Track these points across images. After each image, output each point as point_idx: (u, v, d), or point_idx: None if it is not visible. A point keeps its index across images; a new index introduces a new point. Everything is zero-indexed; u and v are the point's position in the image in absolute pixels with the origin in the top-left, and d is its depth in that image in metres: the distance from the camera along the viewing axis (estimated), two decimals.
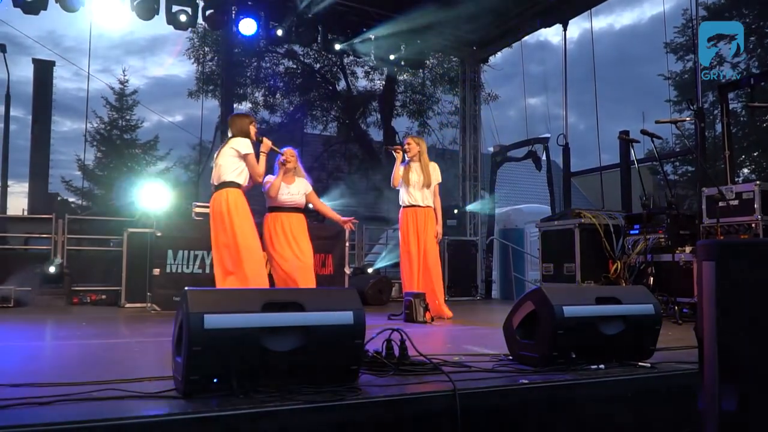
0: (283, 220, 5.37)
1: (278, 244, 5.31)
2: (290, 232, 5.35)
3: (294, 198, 5.46)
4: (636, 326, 2.88)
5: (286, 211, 5.41)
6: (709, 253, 1.48)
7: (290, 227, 5.37)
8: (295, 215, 5.46)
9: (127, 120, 24.38)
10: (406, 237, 5.79)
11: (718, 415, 1.44)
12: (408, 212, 5.81)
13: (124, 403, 2.05)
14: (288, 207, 5.43)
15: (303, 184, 5.55)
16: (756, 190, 5.33)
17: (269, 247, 5.36)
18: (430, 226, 5.79)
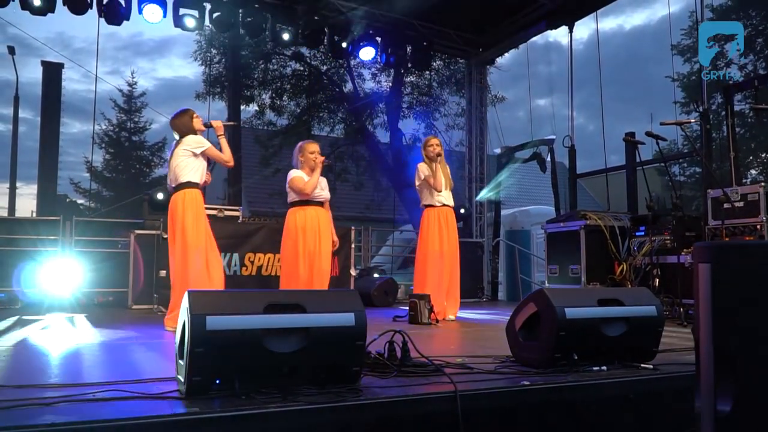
0: (312, 214, 5.21)
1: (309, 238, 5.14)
2: (319, 227, 5.21)
3: (323, 193, 5.34)
4: (638, 328, 2.89)
5: (314, 205, 5.26)
6: (704, 255, 1.48)
7: (320, 222, 5.23)
8: (323, 210, 5.33)
9: (136, 122, 24.55)
10: (434, 236, 5.71)
11: (713, 416, 1.44)
12: (438, 212, 5.77)
13: (127, 404, 2.07)
14: (317, 201, 5.29)
15: (324, 182, 5.44)
16: (761, 192, 5.31)
17: (289, 241, 5.20)
18: (454, 226, 5.85)
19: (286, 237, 5.26)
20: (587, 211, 7.14)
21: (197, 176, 4.82)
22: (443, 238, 5.69)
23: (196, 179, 4.81)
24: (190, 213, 4.70)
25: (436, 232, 5.70)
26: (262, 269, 6.82)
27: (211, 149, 4.86)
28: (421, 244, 5.81)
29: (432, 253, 5.68)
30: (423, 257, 5.75)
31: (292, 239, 5.19)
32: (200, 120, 4.96)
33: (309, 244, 5.14)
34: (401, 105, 15.95)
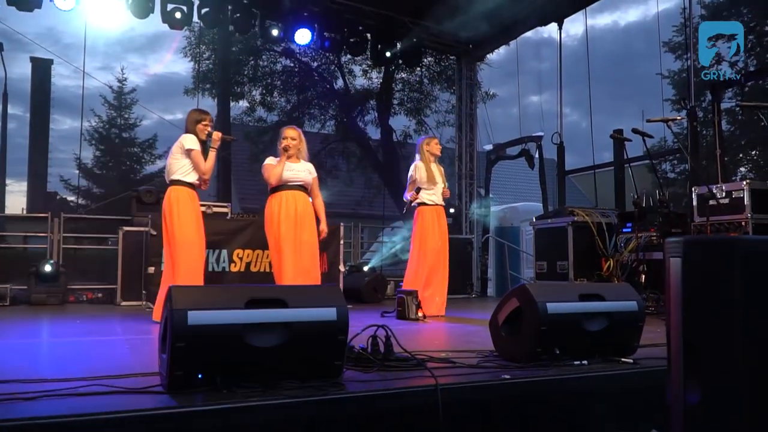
0: (287, 198, 4.96)
1: (283, 225, 4.90)
2: (294, 213, 4.94)
3: (299, 175, 5.04)
4: (619, 323, 2.92)
5: (289, 189, 4.99)
6: (675, 250, 1.51)
7: (295, 207, 4.96)
8: (300, 194, 5.03)
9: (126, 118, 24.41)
10: (428, 234, 5.74)
11: (683, 408, 1.47)
12: (433, 210, 5.81)
13: (110, 399, 2.08)
14: (293, 185, 5.01)
15: (308, 166, 5.20)
16: (746, 189, 5.37)
17: (271, 231, 4.97)
18: (445, 224, 5.91)
19: (266, 227, 5.06)
20: (575, 207, 7.18)
21: (189, 176, 4.85)
22: (434, 235, 5.71)
23: (187, 178, 4.85)
24: (175, 210, 4.75)
25: (430, 230, 5.73)
26: (250, 265, 6.81)
27: (195, 153, 4.83)
28: (414, 241, 5.84)
29: (421, 252, 5.72)
30: (415, 254, 5.78)
31: (270, 229, 5.00)
32: (208, 128, 4.95)
33: (288, 233, 4.90)
34: (392, 102, 15.96)
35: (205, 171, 4.90)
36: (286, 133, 5.15)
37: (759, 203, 5.35)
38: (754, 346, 1.39)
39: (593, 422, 2.60)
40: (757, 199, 5.35)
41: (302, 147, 5.19)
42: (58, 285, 6.98)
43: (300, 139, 5.18)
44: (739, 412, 1.37)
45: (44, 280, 6.89)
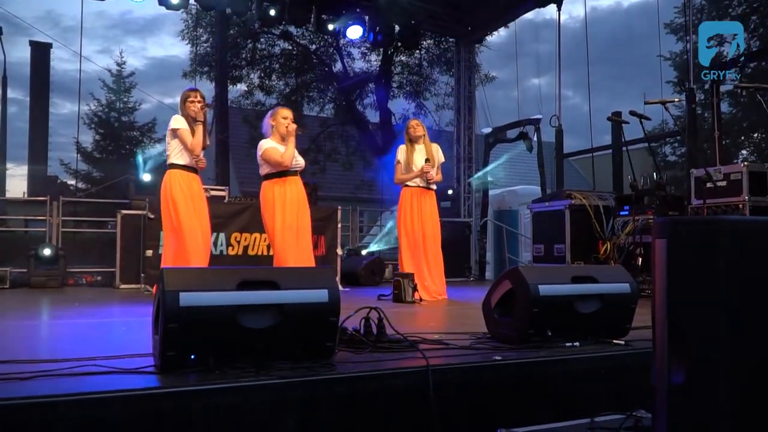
0: (291, 185, 5.02)
1: (288, 211, 4.95)
2: (292, 198, 5.01)
3: (299, 162, 5.14)
4: (612, 305, 2.93)
5: (291, 175, 5.06)
6: (661, 231, 1.51)
7: (298, 194, 5.06)
8: (297, 179, 5.12)
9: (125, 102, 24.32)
10: (408, 217, 5.75)
11: (667, 389, 1.48)
12: (412, 192, 5.77)
13: (103, 379, 2.10)
14: (294, 171, 5.10)
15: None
16: (744, 171, 5.36)
17: (270, 216, 4.96)
18: (433, 208, 5.82)
19: (266, 211, 5.01)
20: (572, 190, 7.18)
21: (180, 157, 4.84)
22: (416, 218, 5.70)
23: (179, 160, 4.84)
24: (169, 194, 4.77)
25: (408, 214, 5.73)
26: (248, 249, 6.83)
27: (181, 131, 4.81)
28: (398, 224, 5.88)
29: (406, 233, 5.74)
30: (399, 237, 5.85)
31: (271, 213, 4.96)
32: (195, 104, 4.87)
33: (290, 218, 4.95)
34: (391, 85, 15.89)
35: (193, 147, 4.82)
36: (285, 114, 5.07)
37: (757, 186, 5.34)
38: (737, 326, 1.40)
39: (584, 403, 2.62)
40: (755, 182, 5.34)
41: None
42: (58, 268, 7.00)
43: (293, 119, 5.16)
44: (723, 392, 1.38)
45: (43, 263, 6.91)
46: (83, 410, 1.85)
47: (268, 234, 5.19)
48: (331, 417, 2.15)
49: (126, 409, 1.89)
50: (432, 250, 5.76)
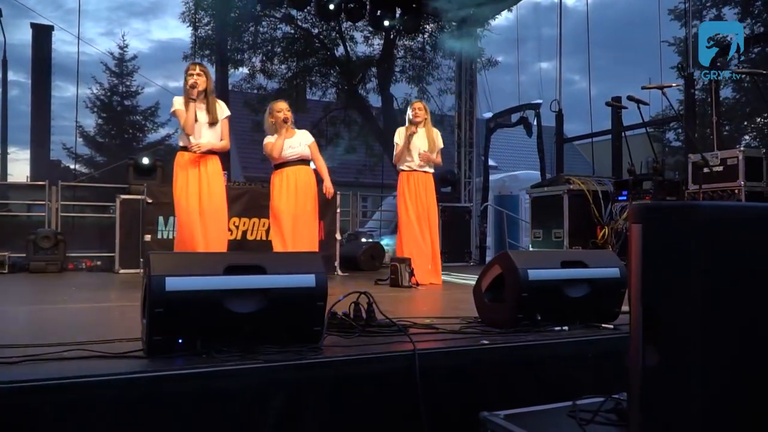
0: (288, 174, 5.21)
1: (284, 199, 5.17)
2: (295, 188, 5.18)
3: (297, 150, 5.27)
4: (601, 289, 2.94)
5: (291, 165, 5.24)
6: (637, 216, 1.51)
7: (296, 182, 5.20)
8: (302, 168, 5.28)
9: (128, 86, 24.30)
10: (405, 201, 5.77)
11: (641, 372, 1.49)
12: (409, 176, 5.79)
13: (90, 363, 2.11)
14: (293, 161, 5.25)
15: (304, 135, 5.38)
16: (740, 156, 5.34)
17: (272, 205, 5.26)
18: (430, 192, 5.83)
19: (270, 200, 5.32)
20: (571, 175, 7.16)
21: (181, 139, 4.82)
22: (414, 202, 5.71)
23: (180, 142, 4.83)
24: (175, 175, 4.78)
25: (406, 197, 5.73)
26: (247, 233, 6.85)
27: (176, 112, 4.74)
28: (398, 208, 5.90)
29: (404, 218, 5.75)
30: (399, 222, 5.86)
31: (271, 203, 5.27)
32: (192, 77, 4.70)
33: (289, 205, 5.14)
34: (393, 69, 15.81)
35: (183, 126, 4.71)
36: (280, 106, 5.27)
37: (753, 171, 5.33)
38: (710, 310, 1.40)
39: (571, 387, 2.63)
40: (751, 167, 5.32)
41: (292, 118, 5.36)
42: (57, 253, 7.04)
43: (289, 110, 5.34)
44: (695, 375, 1.39)
45: (42, 248, 6.94)
46: (68, 394, 1.87)
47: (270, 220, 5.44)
48: (318, 400, 2.17)
49: (112, 393, 1.91)
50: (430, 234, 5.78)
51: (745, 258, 1.43)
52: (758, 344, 1.44)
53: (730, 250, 1.41)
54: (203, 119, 4.74)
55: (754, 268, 1.42)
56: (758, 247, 1.42)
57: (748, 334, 1.43)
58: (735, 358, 1.41)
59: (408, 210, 5.74)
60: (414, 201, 5.71)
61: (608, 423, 1.89)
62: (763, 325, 1.43)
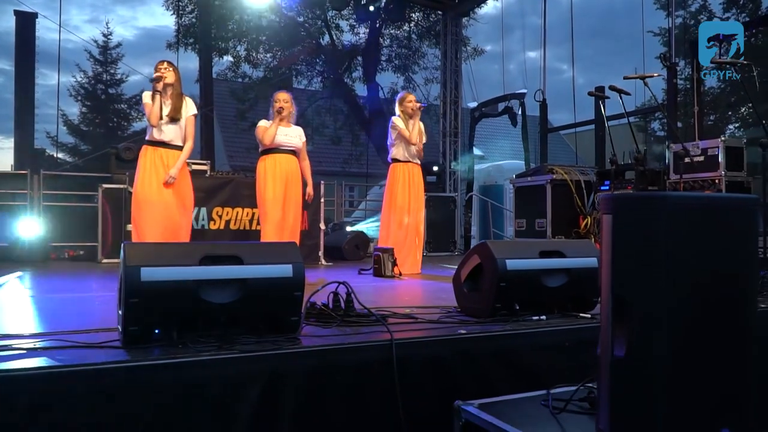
0: (278, 161, 5.17)
1: (272, 186, 5.11)
2: (284, 174, 5.15)
3: (291, 141, 5.25)
4: (579, 279, 2.96)
5: (282, 153, 5.21)
6: (607, 207, 1.53)
7: (286, 170, 5.17)
8: (292, 158, 5.25)
9: (112, 74, 24.05)
10: (398, 191, 5.76)
11: (610, 360, 1.51)
12: (405, 167, 5.80)
13: (66, 353, 2.10)
14: (285, 149, 5.22)
15: (299, 131, 5.39)
16: (721, 146, 5.38)
17: (260, 191, 5.16)
18: (420, 183, 5.87)
19: (257, 187, 5.24)
20: (554, 165, 7.19)
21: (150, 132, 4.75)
22: (408, 193, 5.72)
23: (148, 136, 4.77)
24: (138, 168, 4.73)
25: (399, 187, 5.72)
26: (230, 223, 6.83)
27: (145, 105, 4.71)
28: (387, 198, 5.84)
29: (398, 208, 5.72)
30: (388, 211, 5.80)
31: (260, 188, 5.18)
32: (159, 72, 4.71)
33: (277, 192, 5.11)
34: (379, 58, 15.76)
35: (149, 116, 4.68)
36: (279, 96, 5.32)
37: (733, 161, 5.38)
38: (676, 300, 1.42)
39: (549, 376, 2.66)
40: (732, 157, 5.37)
41: (293, 111, 5.39)
42: (39, 242, 6.97)
43: (291, 102, 5.36)
44: (659, 364, 1.41)
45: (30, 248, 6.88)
46: (43, 384, 1.86)
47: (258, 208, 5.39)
48: (294, 390, 2.17)
49: (87, 383, 1.91)
50: (418, 225, 5.82)
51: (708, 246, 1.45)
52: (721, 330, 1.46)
53: (695, 239, 1.43)
54: (170, 116, 4.74)
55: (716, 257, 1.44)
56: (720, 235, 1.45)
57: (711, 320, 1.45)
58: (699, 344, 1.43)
59: (397, 200, 5.73)
60: (405, 192, 5.72)
61: (581, 411, 1.92)
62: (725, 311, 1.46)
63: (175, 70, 4.81)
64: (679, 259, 1.42)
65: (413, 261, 5.76)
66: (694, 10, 19.40)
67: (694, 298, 1.42)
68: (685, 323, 1.42)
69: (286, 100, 5.31)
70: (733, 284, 1.47)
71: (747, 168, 5.65)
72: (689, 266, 1.43)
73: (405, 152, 5.80)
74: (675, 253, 1.42)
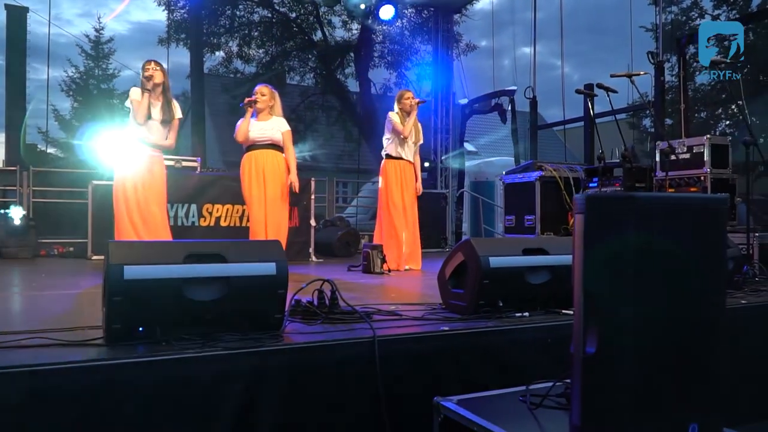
0: (257, 158, 5.09)
1: (251, 184, 5.10)
2: (262, 172, 5.08)
3: (266, 133, 5.14)
4: (562, 276, 2.98)
5: (259, 149, 5.12)
6: (579, 207, 1.56)
7: (264, 167, 5.09)
8: (270, 153, 5.14)
9: (104, 69, 23.91)
10: (393, 188, 5.75)
11: (581, 357, 1.54)
12: (397, 164, 5.78)
13: (50, 351, 2.12)
14: (261, 144, 5.12)
15: (280, 122, 5.26)
16: (706, 144, 5.43)
17: (243, 189, 5.19)
18: (412, 181, 5.86)
19: (242, 185, 5.25)
20: (543, 162, 7.24)
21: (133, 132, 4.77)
22: (398, 189, 5.72)
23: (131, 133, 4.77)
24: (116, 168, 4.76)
25: (394, 184, 5.73)
26: (220, 220, 6.83)
27: (133, 101, 4.71)
28: (382, 195, 5.85)
29: (392, 205, 5.73)
30: (384, 208, 5.81)
31: (242, 187, 5.19)
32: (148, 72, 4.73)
33: (258, 190, 5.08)
34: (372, 54, 15.75)
35: (136, 112, 4.69)
36: (256, 90, 5.25)
37: (718, 158, 5.42)
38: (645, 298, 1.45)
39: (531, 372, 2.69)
40: (717, 155, 5.42)
41: (275, 104, 5.29)
42: (29, 239, 6.97)
43: (271, 95, 5.26)
44: (628, 361, 1.44)
45: (13, 234, 6.87)
46: (27, 382, 1.87)
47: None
48: (277, 387, 2.20)
49: (70, 381, 1.92)
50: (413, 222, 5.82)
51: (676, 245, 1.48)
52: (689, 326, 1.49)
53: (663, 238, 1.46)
54: (157, 116, 4.76)
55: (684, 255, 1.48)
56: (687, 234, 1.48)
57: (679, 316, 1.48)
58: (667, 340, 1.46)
59: (393, 197, 5.73)
60: (399, 189, 5.72)
61: (558, 407, 1.95)
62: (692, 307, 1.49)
63: (162, 70, 4.82)
64: (647, 258, 1.45)
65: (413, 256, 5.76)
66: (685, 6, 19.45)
67: (661, 296, 1.45)
68: (653, 320, 1.45)
69: (264, 93, 5.20)
70: (700, 281, 1.50)
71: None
72: (657, 264, 1.47)
73: (398, 148, 5.79)
74: (643, 251, 1.45)
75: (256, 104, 5.15)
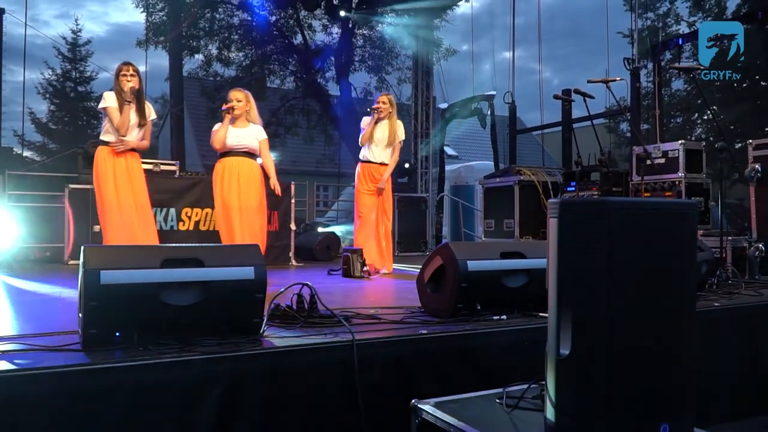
0: (231, 165, 4.92)
1: (225, 190, 4.89)
2: (237, 179, 4.90)
3: (243, 141, 4.97)
4: (539, 279, 3.02)
5: (235, 156, 4.95)
6: (554, 211, 1.58)
7: (239, 174, 4.91)
8: (246, 160, 4.98)
9: (81, 71, 23.67)
10: (359, 191, 5.77)
11: (555, 359, 1.56)
12: (364, 167, 5.78)
13: (26, 356, 2.10)
14: (238, 151, 4.96)
15: (257, 130, 5.11)
16: (681, 149, 5.52)
17: (215, 197, 4.97)
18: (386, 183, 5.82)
19: (213, 191, 5.05)
20: (522, 166, 7.30)
21: (107, 134, 4.74)
22: (370, 193, 5.73)
23: (108, 138, 4.74)
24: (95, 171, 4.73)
25: (364, 188, 5.74)
26: (199, 224, 6.80)
27: (108, 110, 4.68)
28: (355, 199, 5.89)
29: (361, 207, 5.76)
30: (356, 212, 5.85)
31: (214, 195, 5.00)
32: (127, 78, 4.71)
33: (229, 197, 4.89)
34: (353, 58, 15.76)
35: (118, 126, 4.67)
36: (231, 95, 5.07)
37: (693, 163, 5.52)
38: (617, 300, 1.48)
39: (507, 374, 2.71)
40: (691, 159, 5.51)
41: (251, 109, 5.10)
42: None
43: (246, 100, 5.08)
44: (600, 362, 1.47)
45: None
46: (2, 388, 1.86)
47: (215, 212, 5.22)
48: (255, 391, 2.20)
49: (46, 386, 1.91)
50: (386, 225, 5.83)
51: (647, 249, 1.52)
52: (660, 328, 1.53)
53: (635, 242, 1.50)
54: (133, 119, 4.77)
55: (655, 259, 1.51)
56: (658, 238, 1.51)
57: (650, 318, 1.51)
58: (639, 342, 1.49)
59: (365, 201, 5.74)
60: (365, 191, 5.73)
61: (534, 408, 1.97)
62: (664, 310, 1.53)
63: (138, 73, 4.81)
64: (619, 261, 1.48)
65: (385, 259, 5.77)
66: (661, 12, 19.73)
67: (633, 298, 1.48)
68: (624, 322, 1.48)
69: (239, 98, 5.01)
70: (671, 285, 1.54)
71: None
72: (629, 268, 1.50)
73: (365, 151, 5.80)
74: (615, 255, 1.48)
75: (234, 111, 5.02)
